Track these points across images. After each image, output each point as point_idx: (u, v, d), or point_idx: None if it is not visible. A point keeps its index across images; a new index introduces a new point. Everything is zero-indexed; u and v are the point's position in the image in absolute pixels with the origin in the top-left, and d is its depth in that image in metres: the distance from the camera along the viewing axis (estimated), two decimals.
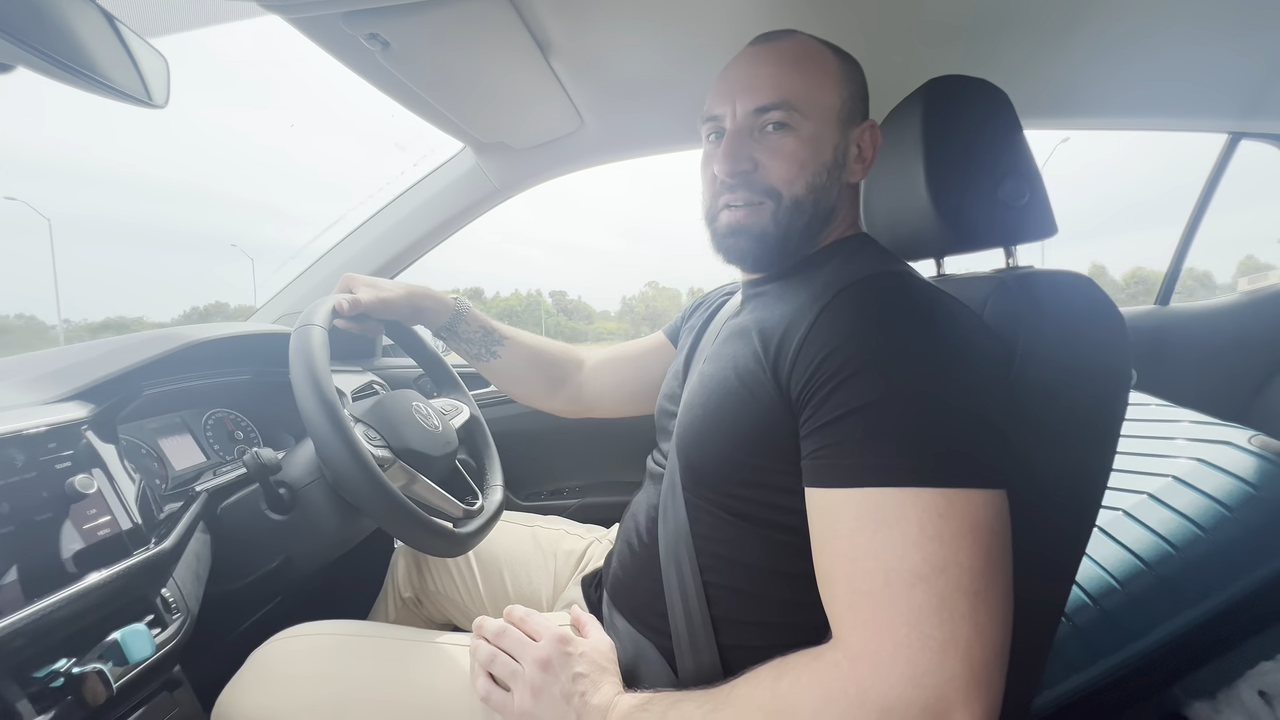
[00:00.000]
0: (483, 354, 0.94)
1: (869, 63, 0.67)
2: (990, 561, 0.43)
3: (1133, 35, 0.93)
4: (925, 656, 0.40)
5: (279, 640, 0.68)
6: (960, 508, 0.43)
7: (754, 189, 0.61)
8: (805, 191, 0.60)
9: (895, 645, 0.41)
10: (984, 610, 0.41)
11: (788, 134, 0.60)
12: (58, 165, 31.68)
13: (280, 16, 0.67)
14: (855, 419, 0.46)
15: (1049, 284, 0.57)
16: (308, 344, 0.66)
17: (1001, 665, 0.42)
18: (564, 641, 0.58)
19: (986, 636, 0.41)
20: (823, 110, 0.61)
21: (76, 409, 0.64)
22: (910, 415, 0.45)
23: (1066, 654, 0.82)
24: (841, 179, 0.63)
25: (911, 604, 0.41)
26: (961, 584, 0.41)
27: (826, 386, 0.48)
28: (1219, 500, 0.82)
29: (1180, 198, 1.79)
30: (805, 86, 0.60)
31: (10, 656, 0.50)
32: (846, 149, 0.63)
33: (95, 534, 0.58)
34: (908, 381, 0.45)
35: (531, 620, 0.61)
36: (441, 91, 0.91)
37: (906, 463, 0.44)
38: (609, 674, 0.58)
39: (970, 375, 0.47)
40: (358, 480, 0.64)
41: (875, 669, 0.41)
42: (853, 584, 0.44)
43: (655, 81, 0.98)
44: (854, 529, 0.45)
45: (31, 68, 0.47)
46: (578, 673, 0.56)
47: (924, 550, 0.42)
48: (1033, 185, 0.62)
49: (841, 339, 0.48)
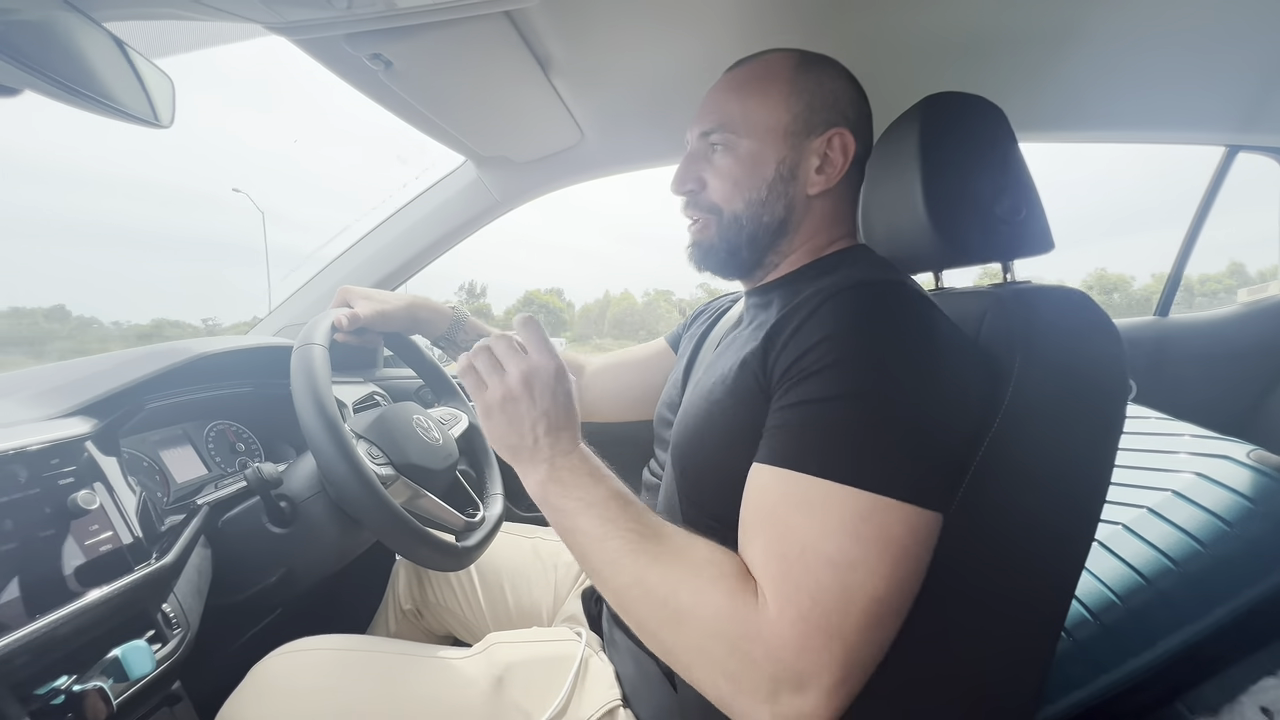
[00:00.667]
0: None
1: (865, 79, 0.68)
2: (898, 575, 0.44)
3: (1128, 50, 0.93)
4: (815, 638, 0.42)
5: (279, 655, 0.68)
6: (882, 516, 0.44)
7: (699, 207, 0.67)
8: (743, 207, 0.64)
9: (797, 615, 0.43)
10: (877, 617, 0.43)
11: (725, 155, 0.65)
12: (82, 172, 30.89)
13: (285, 38, 0.67)
14: (809, 408, 0.48)
15: (1045, 299, 0.57)
16: (310, 364, 0.67)
17: (864, 677, 0.44)
18: (560, 377, 0.57)
19: (869, 642, 0.44)
20: (762, 128, 0.63)
21: (79, 424, 0.65)
22: (860, 417, 0.46)
23: (1067, 669, 0.82)
24: (792, 192, 0.64)
25: (820, 583, 0.43)
26: (866, 586, 0.43)
27: (796, 378, 0.50)
28: (1218, 515, 0.82)
29: (1154, 203, 1.79)
30: (743, 108, 0.64)
31: (12, 674, 0.50)
32: (798, 162, 0.64)
33: (97, 549, 0.59)
34: (868, 387, 0.47)
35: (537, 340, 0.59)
36: (443, 108, 0.92)
37: (842, 459, 0.45)
38: (572, 426, 0.57)
39: (935, 395, 0.48)
40: (362, 500, 0.64)
41: (773, 625, 0.43)
42: (771, 546, 0.46)
43: (655, 96, 0.99)
44: (778, 504, 0.47)
45: (40, 92, 0.48)
46: (550, 407, 0.55)
47: (840, 542, 0.43)
48: (1029, 201, 0.62)
49: (820, 337, 0.49)
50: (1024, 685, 0.54)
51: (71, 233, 27.88)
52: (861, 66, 0.93)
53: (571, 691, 0.66)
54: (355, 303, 0.83)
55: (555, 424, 0.56)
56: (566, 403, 0.57)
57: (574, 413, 0.58)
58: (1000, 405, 0.51)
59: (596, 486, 0.53)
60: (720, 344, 0.68)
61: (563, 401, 0.57)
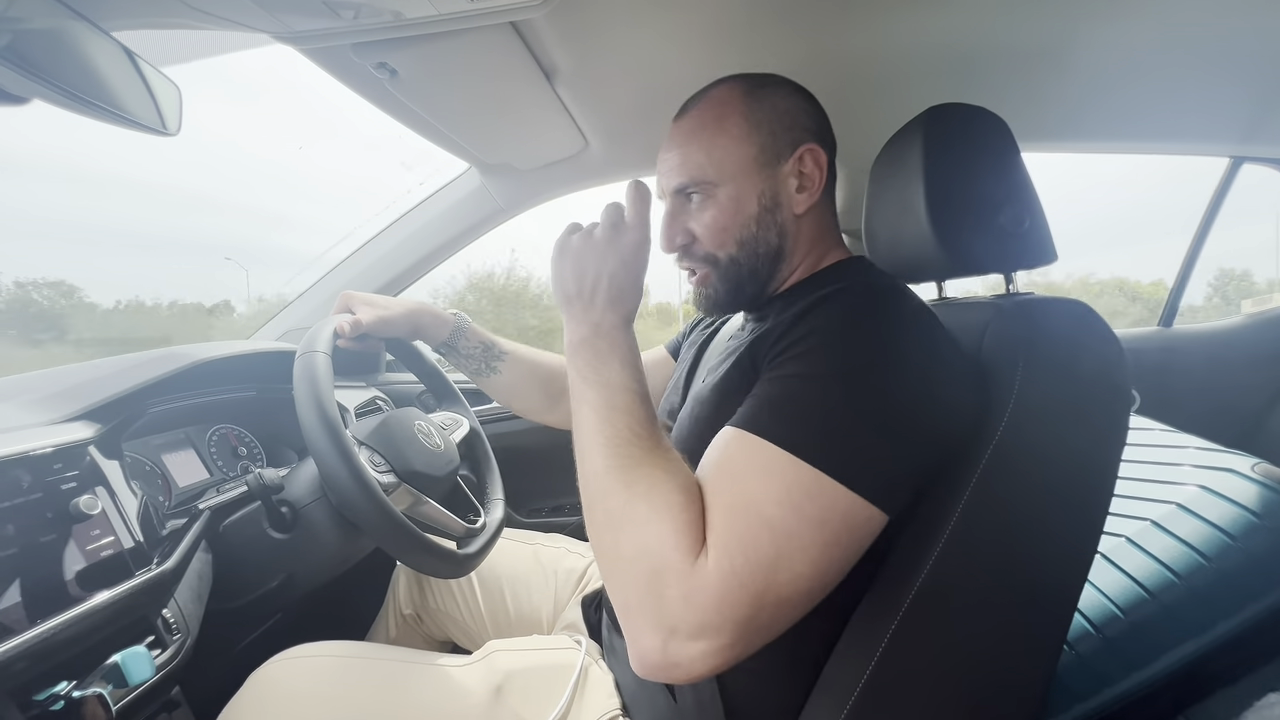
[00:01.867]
0: (483, 369, 0.94)
1: (868, 91, 0.68)
2: (825, 558, 0.45)
3: (1132, 61, 0.93)
4: (735, 594, 0.43)
5: (279, 661, 0.68)
6: (826, 497, 0.45)
7: (694, 258, 0.66)
8: (737, 249, 0.64)
9: (729, 570, 0.43)
10: (794, 592, 0.44)
11: (707, 204, 0.64)
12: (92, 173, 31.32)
13: (293, 47, 0.68)
14: (785, 382, 0.50)
15: (1047, 310, 0.57)
16: (313, 371, 0.67)
17: (754, 647, 0.45)
18: (641, 250, 0.58)
19: (780, 612, 0.45)
20: (735, 168, 0.63)
21: (82, 429, 0.65)
22: (831, 399, 0.47)
23: (1068, 682, 0.81)
24: (780, 217, 0.64)
25: (757, 543, 0.44)
26: (794, 559, 0.44)
27: (780, 358, 0.51)
28: (1222, 528, 0.81)
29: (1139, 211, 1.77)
30: (709, 155, 0.63)
31: (12, 679, 0.50)
32: (778, 189, 0.64)
33: (98, 554, 0.59)
34: (846, 371, 0.48)
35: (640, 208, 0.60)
36: (448, 117, 0.92)
37: (805, 435, 0.46)
38: (632, 301, 0.58)
39: (911, 396, 0.48)
40: (364, 508, 0.64)
41: (702, 573, 0.44)
42: (718, 495, 0.47)
43: (659, 104, 1.00)
44: (734, 459, 0.48)
45: (48, 100, 0.48)
46: (619, 271, 0.56)
47: (783, 509, 0.45)
48: (1032, 212, 0.62)
49: (809, 328, 0.51)
50: (1025, 697, 0.54)
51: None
52: (864, 77, 0.94)
53: (571, 700, 0.66)
54: (357, 308, 0.83)
55: (618, 290, 0.56)
56: (637, 277, 0.58)
57: (639, 290, 0.58)
58: (1002, 416, 0.51)
59: (623, 371, 0.54)
60: (720, 353, 0.69)
61: (634, 273, 0.57)
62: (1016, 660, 0.53)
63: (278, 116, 20.51)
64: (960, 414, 0.51)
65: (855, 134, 0.96)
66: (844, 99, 0.69)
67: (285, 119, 21.16)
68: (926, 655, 0.51)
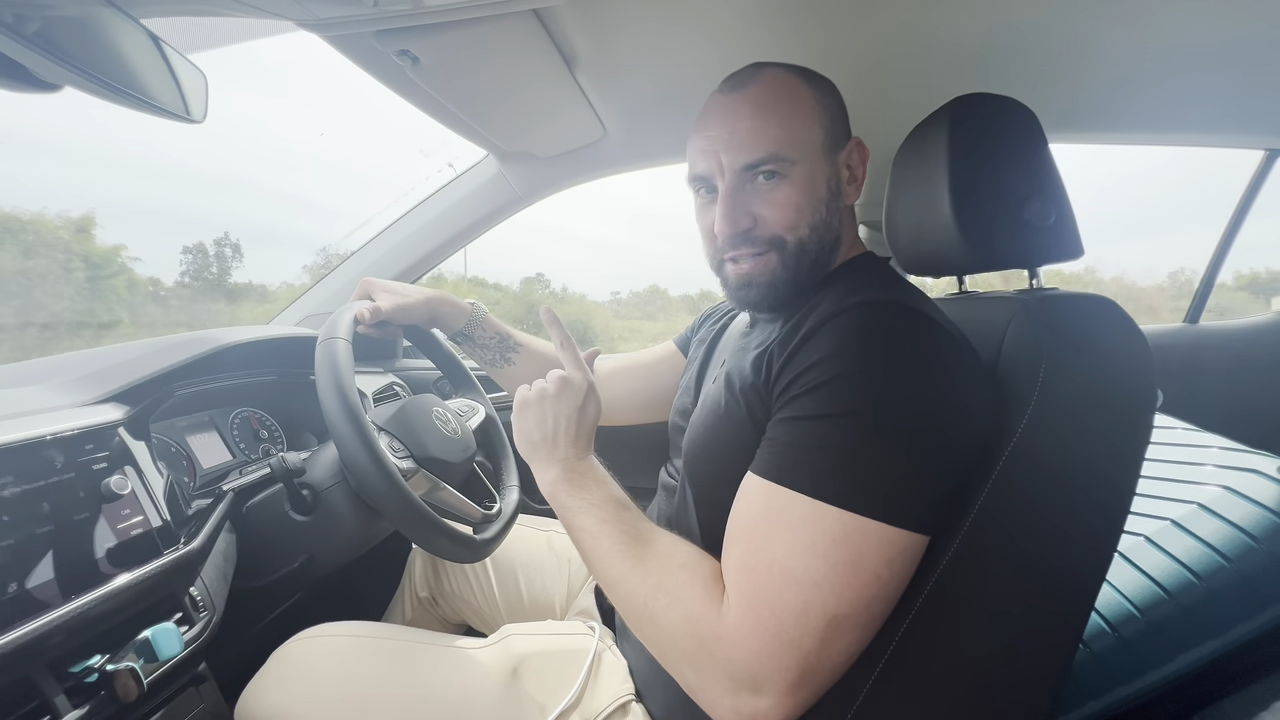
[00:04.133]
0: (497, 359, 0.95)
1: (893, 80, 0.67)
2: (864, 596, 0.46)
3: (1165, 51, 0.91)
4: (771, 645, 0.45)
5: (300, 640, 0.70)
6: (856, 538, 0.45)
7: (756, 243, 0.61)
8: (809, 233, 0.61)
9: (756, 622, 0.46)
10: (836, 632, 0.46)
11: (781, 183, 0.60)
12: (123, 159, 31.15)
13: (316, 34, 0.68)
14: (801, 424, 0.49)
15: (1072, 306, 0.56)
16: (334, 358, 0.68)
17: (825, 684, 0.48)
18: (591, 394, 0.65)
19: (827, 655, 0.46)
20: (809, 149, 0.61)
21: (112, 411, 0.66)
22: (849, 437, 0.47)
23: (1083, 680, 0.81)
24: (839, 206, 0.63)
25: (782, 598, 0.46)
26: (827, 605, 0.45)
27: (793, 394, 0.51)
28: (1245, 530, 0.80)
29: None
30: (788, 131, 0.60)
31: (48, 652, 0.52)
32: (838, 176, 0.63)
33: (128, 533, 0.60)
34: (860, 407, 0.47)
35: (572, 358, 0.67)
36: (468, 104, 0.92)
37: (826, 477, 0.47)
38: (589, 437, 0.65)
39: (928, 419, 0.48)
40: (383, 492, 0.65)
41: (734, 631, 0.47)
42: (744, 558, 0.49)
43: (679, 93, 0.99)
44: (759, 515, 0.50)
45: (78, 88, 0.49)
46: (577, 416, 0.63)
47: (808, 560, 0.45)
48: (1059, 206, 0.61)
49: (819, 357, 0.50)
50: (1039, 694, 0.53)
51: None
52: (887, 67, 0.92)
53: (585, 684, 0.67)
54: (377, 295, 0.84)
55: (575, 429, 0.63)
56: (593, 416, 0.65)
57: (594, 426, 0.65)
58: (1023, 414, 0.50)
59: (599, 490, 0.59)
60: (730, 355, 0.68)
61: (590, 414, 0.64)
62: (1030, 658, 0.53)
63: (301, 103, 20.35)
64: (981, 423, 0.51)
65: (877, 125, 0.95)
66: (867, 89, 0.68)
67: (308, 106, 20.91)
68: (938, 653, 0.51)
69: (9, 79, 0.47)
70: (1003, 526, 0.50)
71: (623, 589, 0.54)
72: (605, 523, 0.57)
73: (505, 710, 0.65)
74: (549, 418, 0.63)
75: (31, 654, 0.50)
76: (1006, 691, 0.53)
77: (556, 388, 0.63)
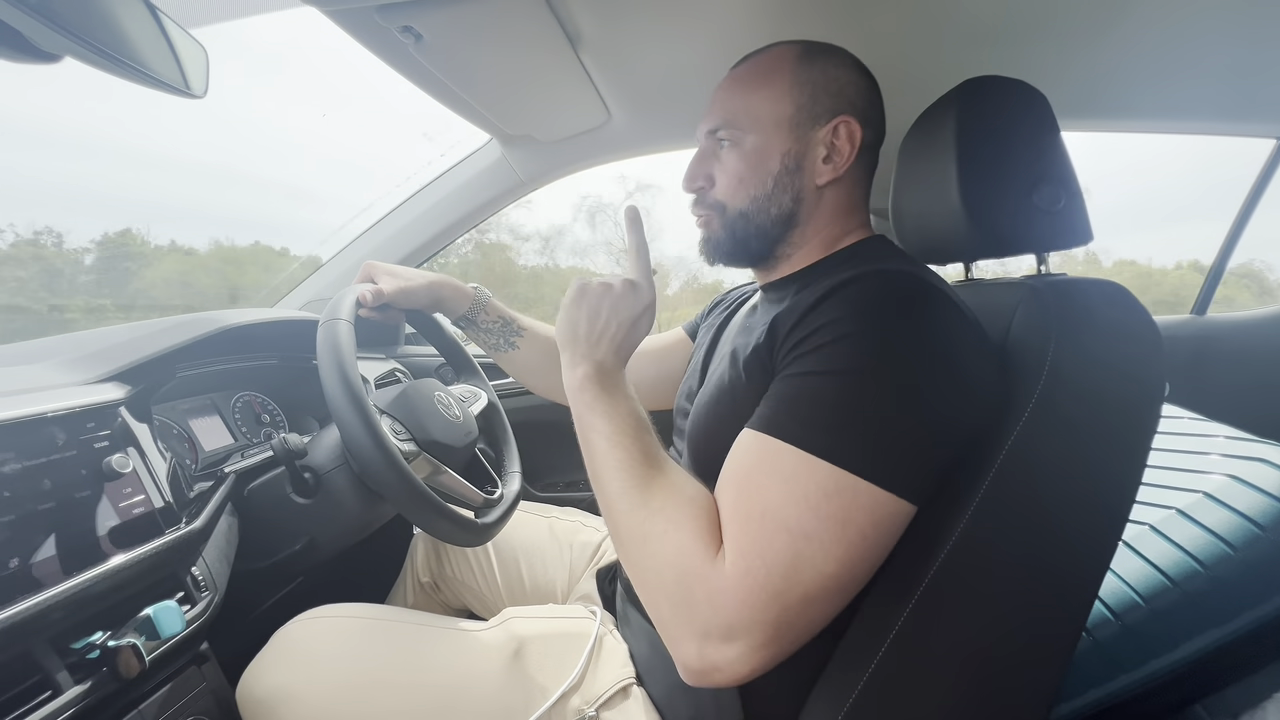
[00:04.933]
0: (501, 344, 0.94)
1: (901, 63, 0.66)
2: (850, 556, 0.46)
3: (1176, 36, 0.89)
4: (757, 595, 0.45)
5: (302, 621, 0.70)
6: (849, 495, 0.45)
7: (704, 204, 0.67)
8: (748, 203, 0.64)
9: (746, 570, 0.45)
10: (820, 591, 0.45)
11: (730, 150, 0.65)
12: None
13: (317, 9, 0.67)
14: (802, 380, 0.50)
15: (1082, 291, 0.55)
16: (335, 339, 0.67)
17: (792, 647, 0.47)
18: (649, 310, 0.63)
19: (807, 612, 0.46)
20: (766, 122, 0.63)
21: (114, 390, 0.66)
22: (849, 395, 0.47)
23: (1085, 667, 0.81)
24: (799, 183, 0.63)
25: (773, 547, 0.45)
26: (815, 559, 0.45)
27: (797, 354, 0.51)
28: (1251, 519, 0.80)
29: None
30: (746, 103, 0.64)
31: (49, 627, 0.52)
32: (804, 153, 0.63)
33: (130, 512, 0.60)
34: (863, 367, 0.47)
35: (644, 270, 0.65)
36: (471, 84, 0.91)
37: (822, 433, 0.47)
38: (629, 351, 0.62)
39: (930, 386, 0.48)
40: (385, 475, 0.65)
41: (722, 576, 0.46)
42: (736, 505, 0.49)
43: (684, 76, 0.98)
44: (753, 467, 0.49)
45: (77, 58, 0.48)
46: (628, 322, 0.61)
47: (800, 512, 0.45)
48: (1069, 190, 0.60)
49: (828, 319, 0.50)
50: (1041, 682, 0.53)
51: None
52: (897, 49, 0.90)
53: (586, 667, 0.67)
54: (379, 278, 0.83)
55: (624, 336, 0.61)
56: (644, 332, 0.63)
57: (638, 344, 0.63)
58: (1029, 400, 0.50)
59: (626, 403, 0.58)
60: (736, 336, 0.68)
61: (641, 329, 0.62)
62: (1033, 645, 0.53)
63: (300, 90, 20.23)
64: (983, 400, 0.50)
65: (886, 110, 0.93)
66: (878, 74, 0.67)
67: (307, 92, 20.83)
68: (939, 639, 0.51)
69: (8, 48, 0.46)
70: (1006, 512, 0.50)
71: (623, 503, 0.53)
72: (624, 434, 0.55)
73: (506, 692, 0.65)
74: (603, 314, 0.60)
75: (32, 629, 0.50)
76: (1008, 678, 0.52)
77: (622, 288, 0.61)
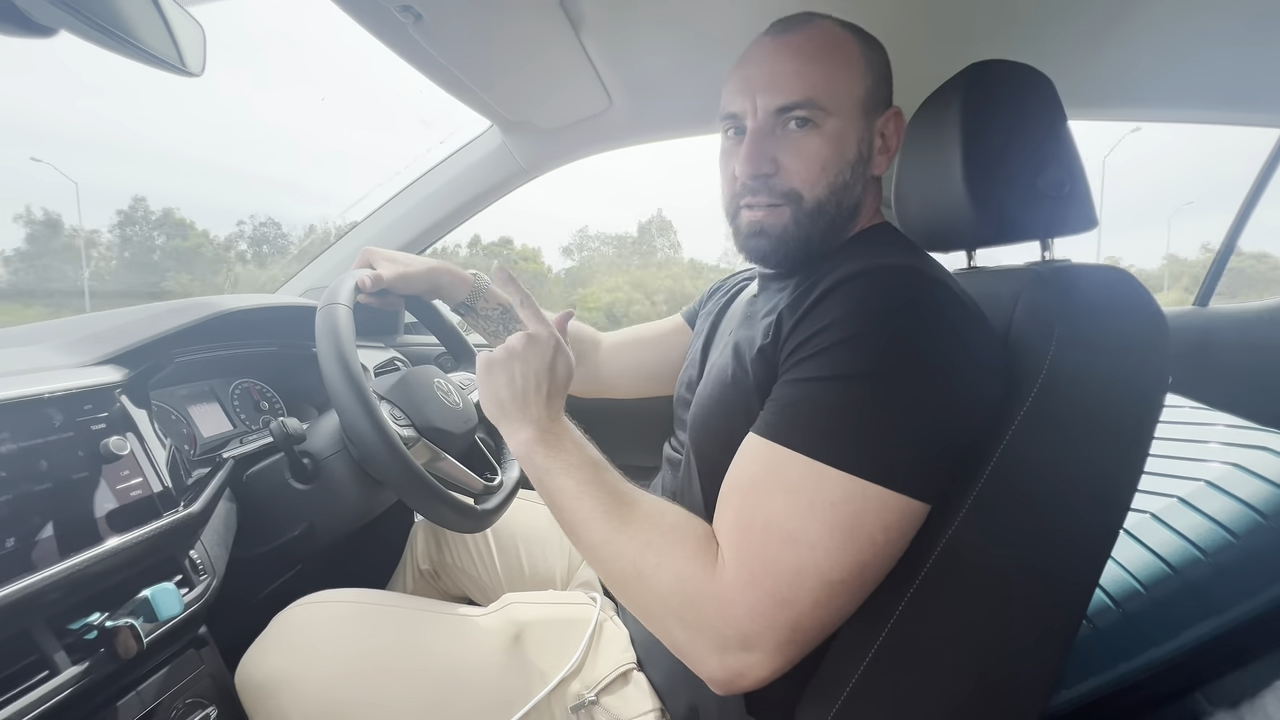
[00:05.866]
0: (501, 331, 0.94)
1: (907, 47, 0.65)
2: (859, 560, 0.45)
3: (1186, 23, 0.89)
4: (764, 603, 0.45)
5: (301, 605, 0.70)
6: (856, 502, 0.45)
7: (774, 192, 0.59)
8: (827, 193, 0.59)
9: (750, 580, 0.46)
10: (829, 595, 0.46)
11: (811, 132, 0.58)
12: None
13: None
14: (806, 385, 0.49)
15: (1087, 279, 0.55)
16: (334, 323, 0.67)
17: (814, 642, 0.47)
18: (560, 348, 0.61)
19: (819, 616, 0.46)
20: (847, 104, 0.58)
21: (111, 373, 0.66)
22: (854, 400, 0.46)
23: (1086, 655, 0.81)
24: (866, 173, 0.62)
25: (778, 557, 0.45)
26: (822, 568, 0.45)
27: (801, 357, 0.50)
28: (1253, 506, 0.79)
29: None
30: (829, 80, 0.58)
31: (47, 608, 0.51)
32: (871, 141, 0.61)
33: (127, 494, 0.60)
34: (867, 370, 0.47)
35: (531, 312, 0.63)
36: (471, 67, 0.90)
37: (828, 439, 0.46)
38: (563, 395, 0.61)
39: (936, 386, 0.47)
40: (385, 459, 0.65)
41: (728, 589, 0.46)
42: (740, 516, 0.49)
43: (687, 63, 0.97)
44: (757, 474, 0.49)
45: (73, 31, 0.47)
46: (547, 372, 0.59)
47: (805, 522, 0.45)
48: (1074, 176, 0.60)
49: (831, 319, 0.49)
50: (1041, 669, 0.53)
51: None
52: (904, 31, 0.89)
53: (586, 652, 0.67)
54: (378, 264, 0.82)
55: (548, 389, 0.59)
56: (564, 374, 0.61)
57: (566, 386, 0.61)
58: (1032, 387, 0.49)
59: (577, 451, 0.57)
60: (736, 324, 0.67)
61: (561, 372, 0.61)
62: (1032, 635, 0.52)
63: (294, 83, 19.80)
64: (989, 392, 0.50)
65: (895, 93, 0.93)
66: None
67: (302, 84, 20.40)
68: (938, 627, 0.50)
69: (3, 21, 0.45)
70: (1008, 499, 0.49)
71: (608, 550, 0.52)
72: (586, 484, 0.54)
73: (506, 677, 0.65)
74: (518, 376, 0.59)
75: (29, 609, 0.50)
76: (1008, 666, 0.52)
77: (523, 345, 0.59)
